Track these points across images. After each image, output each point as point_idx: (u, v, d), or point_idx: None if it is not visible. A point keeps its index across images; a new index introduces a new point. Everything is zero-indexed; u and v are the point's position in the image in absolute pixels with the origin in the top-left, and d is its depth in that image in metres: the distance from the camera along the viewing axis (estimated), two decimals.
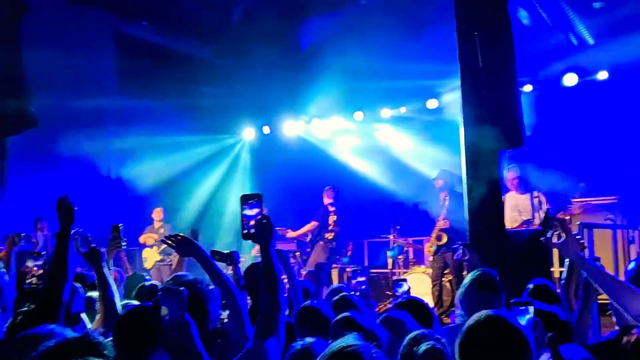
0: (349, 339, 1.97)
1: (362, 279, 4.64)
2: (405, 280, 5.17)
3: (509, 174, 8.76)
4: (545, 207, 8.70)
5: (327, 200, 10.36)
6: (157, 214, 11.65)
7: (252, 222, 2.92)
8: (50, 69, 8.79)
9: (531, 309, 2.58)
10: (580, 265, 3.30)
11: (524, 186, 8.92)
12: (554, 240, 3.28)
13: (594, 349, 2.82)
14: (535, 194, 8.83)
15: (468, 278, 3.79)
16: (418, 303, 3.75)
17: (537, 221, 8.68)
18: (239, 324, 3.06)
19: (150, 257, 11.41)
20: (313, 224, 10.35)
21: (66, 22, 9.72)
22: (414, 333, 2.81)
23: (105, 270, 3.85)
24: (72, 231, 3.39)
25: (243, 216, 2.94)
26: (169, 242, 3.33)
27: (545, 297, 3.70)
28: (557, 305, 3.63)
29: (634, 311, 2.96)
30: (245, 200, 2.97)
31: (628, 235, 8.68)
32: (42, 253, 5.09)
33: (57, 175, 10.18)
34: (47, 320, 2.59)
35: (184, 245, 3.28)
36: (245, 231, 2.92)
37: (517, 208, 8.73)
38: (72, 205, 3.34)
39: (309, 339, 2.69)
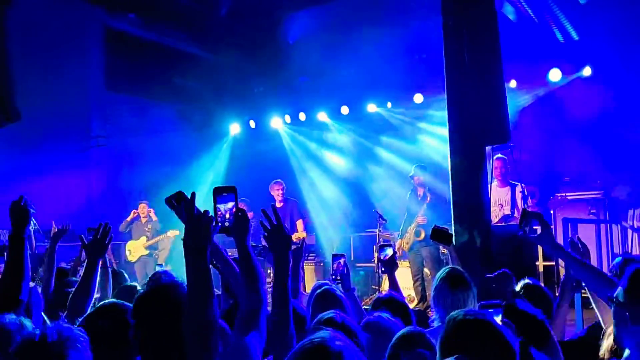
0: (322, 334, 1.91)
1: (342, 261, 4.62)
2: (390, 245, 5.09)
3: (497, 162, 8.70)
4: (529, 201, 8.68)
5: (280, 196, 10.09)
6: (142, 209, 11.47)
7: (228, 215, 2.83)
8: (35, 61, 8.73)
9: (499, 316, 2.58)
10: (558, 254, 3.38)
11: (506, 179, 8.92)
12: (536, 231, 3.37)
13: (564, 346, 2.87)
14: (520, 187, 8.81)
15: (437, 277, 3.83)
16: (397, 301, 3.76)
17: (517, 214, 8.64)
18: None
19: (135, 250, 11.26)
20: (302, 221, 10.23)
21: (52, 14, 9.63)
22: (402, 331, 2.82)
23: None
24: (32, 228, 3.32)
25: (217, 209, 2.84)
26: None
27: (536, 297, 3.72)
28: (547, 304, 3.67)
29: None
30: (218, 193, 2.87)
31: (611, 230, 8.76)
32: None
33: (40, 169, 10.10)
34: None
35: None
36: (220, 225, 2.83)
37: (498, 202, 8.65)
38: (27, 207, 3.27)
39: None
